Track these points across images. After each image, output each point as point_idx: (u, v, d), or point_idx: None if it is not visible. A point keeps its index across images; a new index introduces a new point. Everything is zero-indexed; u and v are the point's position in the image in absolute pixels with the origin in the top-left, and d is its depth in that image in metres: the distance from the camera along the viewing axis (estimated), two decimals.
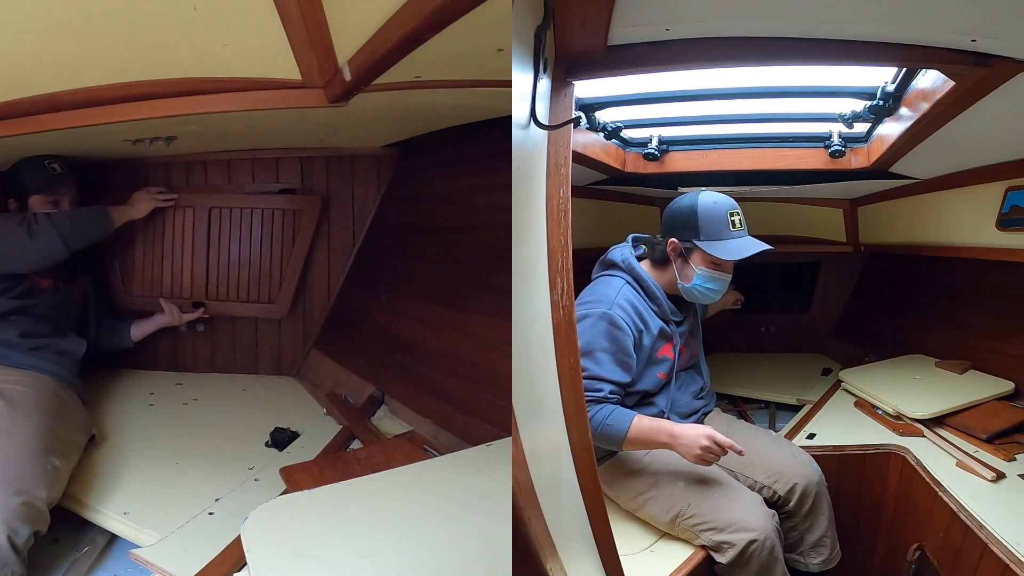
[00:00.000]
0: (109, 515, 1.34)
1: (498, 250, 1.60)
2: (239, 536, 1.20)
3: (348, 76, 1.27)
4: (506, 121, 0.84)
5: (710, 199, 1.63)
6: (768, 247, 1.61)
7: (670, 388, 1.68)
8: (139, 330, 2.28)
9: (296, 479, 1.49)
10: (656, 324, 1.63)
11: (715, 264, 1.62)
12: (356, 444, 1.78)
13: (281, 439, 1.75)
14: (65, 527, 1.38)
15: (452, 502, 1.24)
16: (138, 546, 1.28)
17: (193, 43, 1.28)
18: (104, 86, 1.41)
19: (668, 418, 1.67)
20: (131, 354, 2.30)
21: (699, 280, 1.63)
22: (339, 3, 1.10)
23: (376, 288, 2.17)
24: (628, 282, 1.64)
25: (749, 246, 1.60)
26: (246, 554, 1.12)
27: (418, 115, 1.70)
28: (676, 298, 1.69)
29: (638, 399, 1.65)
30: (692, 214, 1.62)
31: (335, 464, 1.56)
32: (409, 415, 1.82)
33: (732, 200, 1.64)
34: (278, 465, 1.61)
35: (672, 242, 1.64)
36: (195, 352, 2.44)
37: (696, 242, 1.61)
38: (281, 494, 1.45)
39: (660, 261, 1.68)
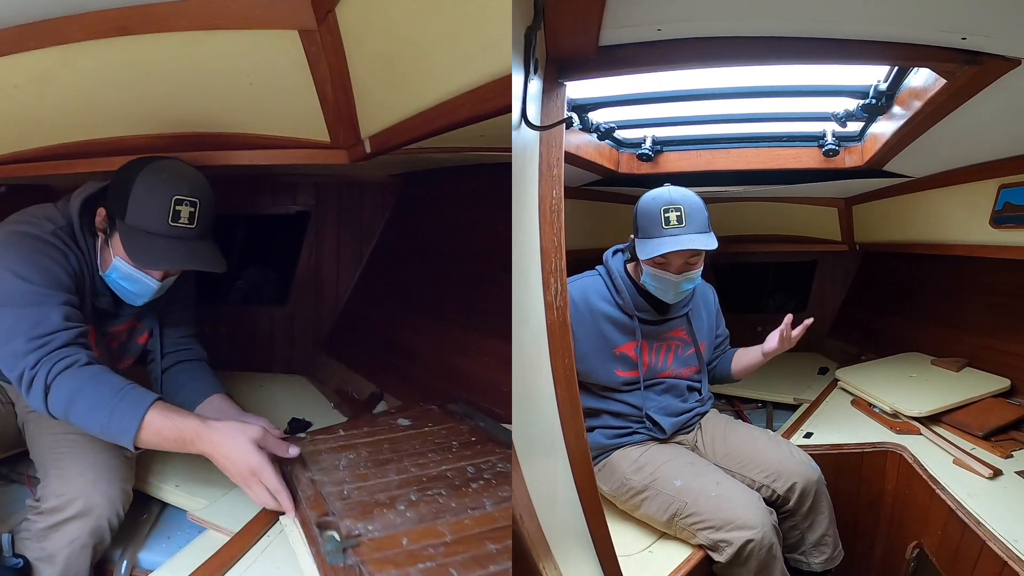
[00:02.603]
0: (164, 487, 1.52)
1: (484, 276, 1.77)
2: None
3: (368, 148, 1.56)
4: (503, 167, 0.87)
5: (649, 196, 1.59)
6: (709, 247, 1.52)
7: (640, 387, 1.67)
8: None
9: None
10: (612, 314, 1.64)
11: (656, 262, 1.56)
12: None
13: (298, 427, 1.92)
14: None
15: None
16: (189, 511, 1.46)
17: (240, 107, 1.54)
18: (138, 136, 1.61)
19: (653, 418, 1.67)
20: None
21: (645, 278, 1.62)
22: (367, 96, 1.41)
23: (379, 301, 2.42)
24: (600, 274, 1.69)
25: (672, 244, 1.50)
26: None
27: (424, 162, 1.98)
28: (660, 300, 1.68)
29: (604, 394, 1.66)
30: (635, 211, 1.60)
31: None
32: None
33: (676, 196, 1.56)
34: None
35: (630, 238, 1.65)
36: (215, 350, 2.51)
37: (635, 239, 1.60)
38: None
39: (633, 259, 1.67)
